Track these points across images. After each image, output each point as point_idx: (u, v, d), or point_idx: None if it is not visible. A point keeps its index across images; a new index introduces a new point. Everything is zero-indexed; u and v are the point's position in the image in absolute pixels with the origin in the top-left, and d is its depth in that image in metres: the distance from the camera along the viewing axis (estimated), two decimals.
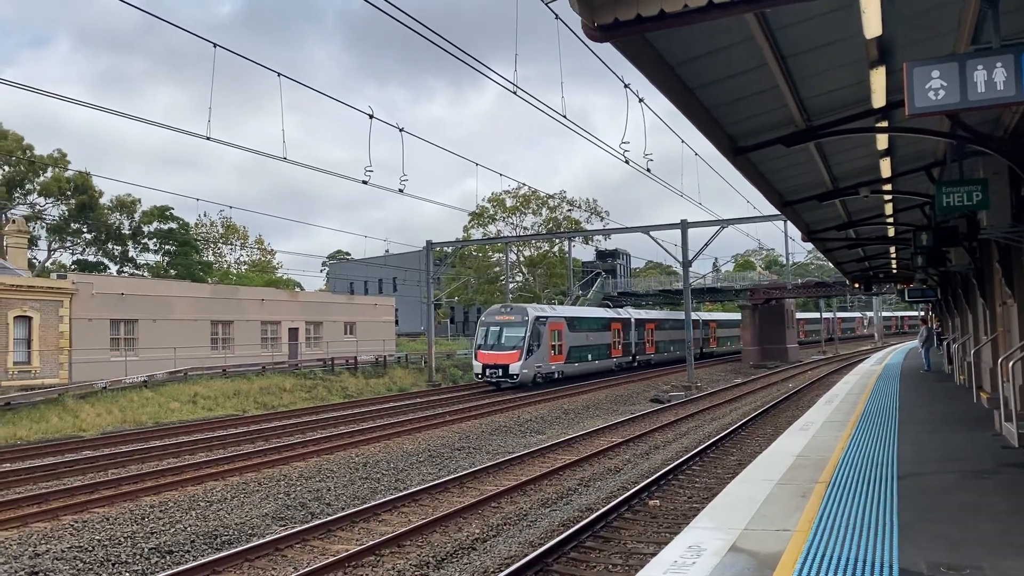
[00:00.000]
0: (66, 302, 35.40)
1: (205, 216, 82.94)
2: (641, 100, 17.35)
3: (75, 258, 62.01)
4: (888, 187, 13.79)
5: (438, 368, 47.30)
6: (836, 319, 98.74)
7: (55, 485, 16.51)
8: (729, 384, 42.39)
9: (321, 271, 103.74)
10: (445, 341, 67.83)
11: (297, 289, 71.67)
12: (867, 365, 35.99)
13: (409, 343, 62.42)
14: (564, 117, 17.30)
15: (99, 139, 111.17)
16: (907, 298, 36.45)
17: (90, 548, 11.69)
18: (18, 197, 57.06)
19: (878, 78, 7.89)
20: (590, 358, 46.63)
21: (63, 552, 11.47)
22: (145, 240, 65.06)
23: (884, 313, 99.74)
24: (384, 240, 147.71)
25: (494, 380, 38.79)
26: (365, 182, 22.08)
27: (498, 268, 74.98)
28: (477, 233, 76.44)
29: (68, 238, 60.75)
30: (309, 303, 51.10)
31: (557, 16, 13.90)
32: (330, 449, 20.59)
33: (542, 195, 73.97)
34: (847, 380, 26.76)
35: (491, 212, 76.01)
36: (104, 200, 60.99)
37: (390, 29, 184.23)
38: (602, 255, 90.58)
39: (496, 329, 39.65)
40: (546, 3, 10.59)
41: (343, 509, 14.01)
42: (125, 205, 62.47)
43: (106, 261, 63.10)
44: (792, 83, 8.19)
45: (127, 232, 63.50)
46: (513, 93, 15.80)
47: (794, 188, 13.75)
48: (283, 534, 12.06)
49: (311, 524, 12.64)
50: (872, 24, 6.55)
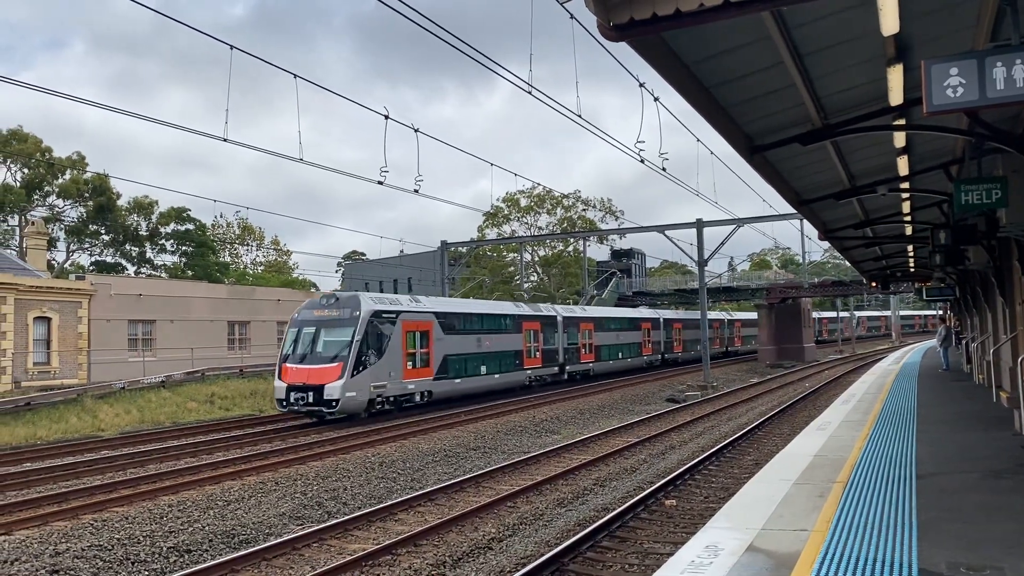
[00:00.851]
0: (85, 303, 35.72)
1: (221, 217, 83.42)
2: (656, 99, 17.32)
3: (93, 259, 62.59)
4: (905, 185, 13.71)
5: None
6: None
7: (75, 484, 16.65)
8: (745, 384, 42.21)
9: (336, 271, 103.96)
10: None
11: (313, 289, 71.98)
12: (884, 364, 35.76)
13: None
14: (579, 117, 17.28)
15: (113, 141, 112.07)
16: (925, 297, 36.24)
17: (109, 547, 11.78)
18: (37, 199, 57.60)
19: (895, 76, 7.85)
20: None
21: (83, 551, 11.57)
22: (162, 241, 65.54)
23: (901, 312, 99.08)
24: (399, 240, 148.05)
25: (303, 410, 25.72)
26: (381, 182, 22.16)
27: (513, 268, 75.02)
28: (492, 233, 76.53)
29: (86, 239, 61.28)
30: None
31: (572, 16, 13.90)
32: (346, 448, 20.66)
33: (556, 195, 74.00)
34: (864, 380, 26.60)
35: (505, 212, 76.07)
36: (121, 202, 61.53)
37: (400, 31, 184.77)
38: (617, 254, 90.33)
39: (311, 331, 27.03)
40: (561, 3, 10.59)
41: (360, 508, 14.06)
42: (142, 207, 62.95)
43: (124, 262, 63.63)
44: (809, 81, 8.17)
45: (144, 233, 63.98)
46: (528, 93, 15.81)
47: (811, 187, 13.70)
48: (300, 533, 12.11)
49: (328, 523, 12.69)
50: (889, 21, 6.52)
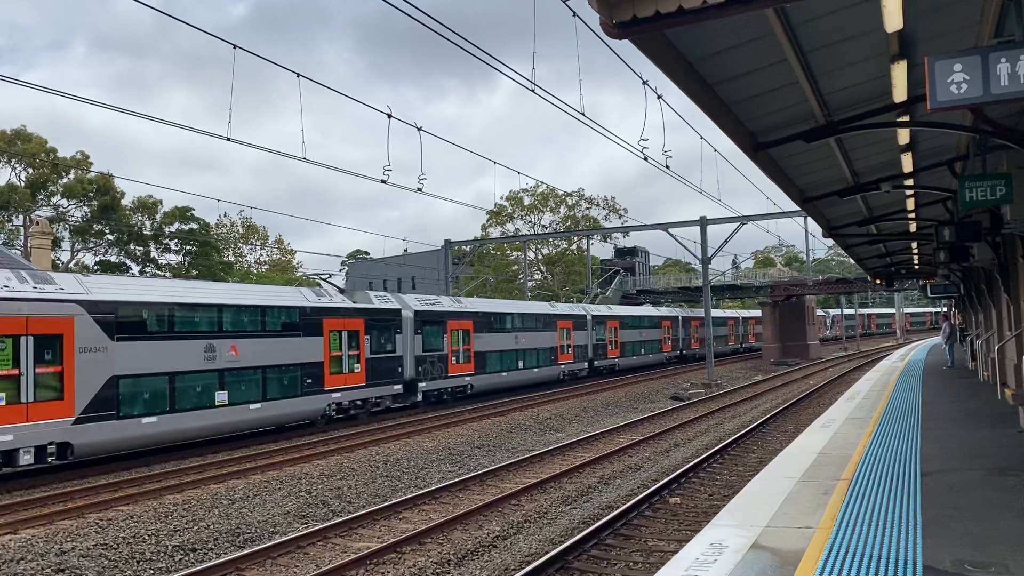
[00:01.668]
0: None
1: (225, 216, 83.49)
2: (659, 96, 17.30)
3: (98, 259, 62.67)
4: (910, 182, 13.68)
5: None
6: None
7: (80, 484, 16.69)
8: (749, 381, 42.17)
9: (340, 270, 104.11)
10: None
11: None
12: (889, 362, 35.71)
13: None
14: (582, 115, 17.28)
15: (117, 142, 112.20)
16: (929, 294, 36.18)
17: (115, 546, 11.81)
18: (42, 199, 57.72)
19: (899, 72, 7.82)
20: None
21: (88, 550, 11.60)
22: (166, 241, 65.63)
23: (910, 309, 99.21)
24: (403, 239, 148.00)
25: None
26: (384, 181, 22.19)
27: (516, 267, 75.02)
28: (495, 232, 76.52)
29: (91, 239, 61.36)
30: None
31: (575, 13, 13.88)
32: (350, 447, 20.69)
33: (560, 193, 73.96)
34: (868, 377, 26.57)
35: (509, 210, 76.05)
36: (125, 201, 61.60)
37: (400, 30, 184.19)
38: (621, 253, 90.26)
39: None
40: (564, 0, 10.58)
41: (364, 507, 14.08)
42: (147, 206, 63.03)
43: (128, 262, 63.69)
44: (812, 78, 8.15)
45: (149, 233, 64.08)
46: (531, 91, 15.80)
47: (815, 184, 13.67)
48: (305, 532, 12.13)
49: (333, 522, 12.71)
50: (893, 18, 6.50)
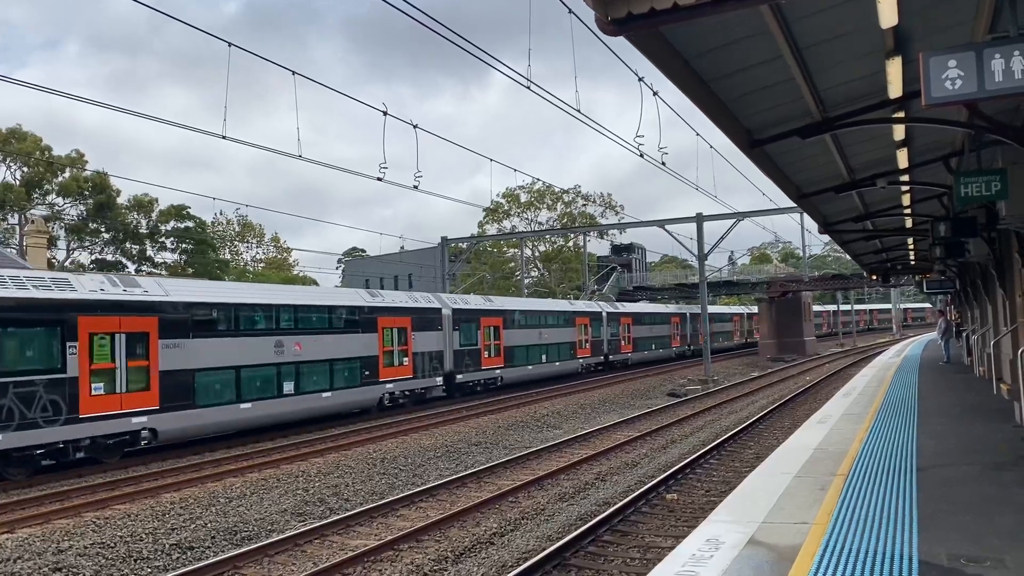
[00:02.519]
0: None
1: (221, 215, 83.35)
2: (655, 93, 17.31)
3: (94, 257, 62.52)
4: (905, 178, 13.72)
5: None
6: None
7: (77, 483, 16.67)
8: (746, 377, 42.23)
9: (337, 268, 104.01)
10: None
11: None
12: (885, 358, 35.78)
13: None
14: (579, 112, 17.28)
15: (111, 141, 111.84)
16: (925, 290, 36.24)
17: (112, 544, 11.80)
18: (37, 198, 57.58)
19: (894, 68, 7.84)
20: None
21: (85, 548, 11.59)
22: (162, 239, 65.53)
23: (912, 305, 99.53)
24: (399, 237, 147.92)
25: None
26: (380, 179, 22.17)
27: (513, 264, 75.02)
28: (492, 229, 76.50)
29: (86, 238, 61.24)
30: None
31: (570, 10, 13.89)
32: (347, 445, 20.69)
33: (556, 190, 73.95)
34: (865, 373, 26.62)
35: (505, 208, 76.04)
36: (121, 200, 61.47)
37: (393, 29, 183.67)
38: (617, 250, 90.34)
39: None
40: None
41: (361, 504, 14.08)
42: (142, 204, 62.92)
43: (124, 260, 63.59)
44: (808, 75, 8.16)
45: (144, 231, 63.96)
46: (527, 88, 15.79)
47: (811, 180, 13.70)
48: (302, 530, 12.13)
49: (330, 520, 12.72)
50: (888, 14, 6.51)
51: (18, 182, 56.43)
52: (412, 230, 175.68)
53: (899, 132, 10.78)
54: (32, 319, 16.92)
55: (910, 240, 23.09)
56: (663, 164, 20.39)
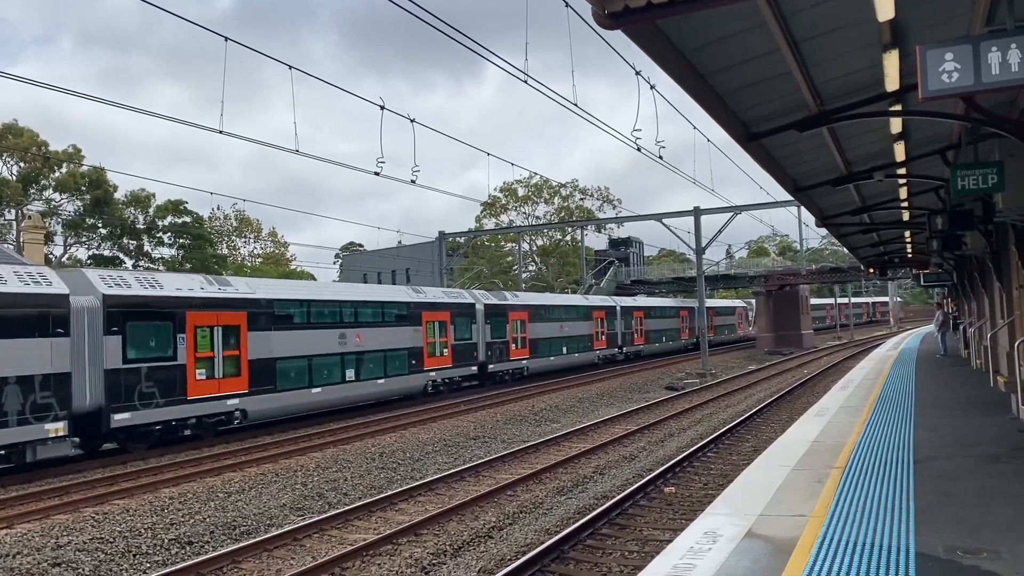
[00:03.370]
0: None
1: (219, 210, 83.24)
2: (653, 87, 17.30)
3: (91, 253, 62.43)
4: (902, 171, 13.72)
5: None
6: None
7: (75, 478, 16.69)
8: (743, 371, 42.29)
9: (334, 263, 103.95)
10: None
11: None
12: (882, 350, 35.85)
13: None
14: (575, 105, 17.27)
15: (105, 136, 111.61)
16: (923, 283, 36.31)
17: (111, 539, 11.82)
18: (34, 193, 57.48)
19: (891, 61, 7.84)
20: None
21: (85, 543, 11.61)
22: (159, 234, 65.46)
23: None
24: (397, 231, 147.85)
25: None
26: (377, 173, 22.16)
27: (511, 258, 75.02)
28: (489, 223, 76.46)
29: (84, 233, 61.15)
30: None
31: (567, 3, 13.87)
32: (346, 439, 20.71)
33: (554, 184, 73.90)
34: (862, 366, 26.68)
35: (503, 202, 76.00)
36: (118, 195, 61.37)
37: (385, 24, 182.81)
38: (615, 243, 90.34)
39: None
40: None
41: (360, 499, 14.10)
42: (139, 200, 62.82)
43: (121, 256, 63.52)
44: (805, 68, 8.16)
45: (142, 227, 63.88)
46: (524, 82, 15.78)
47: (808, 173, 13.71)
48: (301, 524, 12.15)
49: (329, 514, 12.73)
50: (885, 7, 6.51)
51: (14, 177, 56.33)
52: (409, 224, 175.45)
53: (896, 125, 10.79)
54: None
55: (907, 233, 23.11)
56: (660, 158, 20.40)
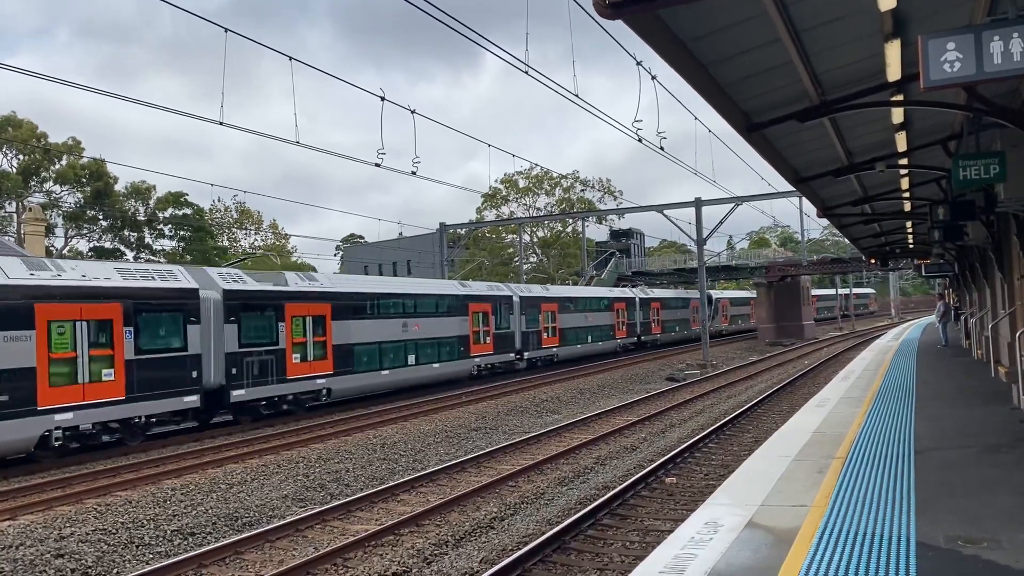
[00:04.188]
0: None
1: (219, 201, 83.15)
2: (654, 78, 17.25)
3: (92, 245, 62.47)
4: (904, 161, 13.70)
5: None
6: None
7: (78, 470, 16.73)
8: (744, 362, 42.31)
9: (335, 255, 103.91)
10: None
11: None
12: (883, 341, 35.85)
13: None
14: (576, 96, 17.23)
15: (102, 128, 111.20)
16: (924, 273, 36.28)
17: (114, 531, 11.85)
18: (34, 185, 57.45)
19: (893, 51, 7.82)
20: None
21: (87, 535, 11.64)
22: (160, 226, 65.43)
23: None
24: (398, 223, 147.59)
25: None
26: (378, 164, 22.14)
27: (512, 250, 74.97)
28: (490, 215, 76.39)
29: (84, 225, 61.15)
30: None
31: None
32: (347, 431, 20.74)
33: (555, 175, 73.79)
34: (863, 356, 26.69)
35: (504, 193, 75.92)
36: (118, 187, 61.34)
37: (382, 15, 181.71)
38: (616, 235, 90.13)
39: None
40: None
41: (362, 490, 14.14)
42: (140, 192, 62.80)
43: (122, 248, 63.52)
44: (806, 58, 8.14)
45: (142, 218, 63.86)
46: (525, 72, 15.74)
47: (809, 164, 13.68)
48: (303, 515, 12.18)
49: (330, 505, 12.77)
50: None
51: (15, 170, 56.29)
52: (409, 216, 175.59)
53: (897, 115, 10.77)
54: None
55: (909, 224, 23.09)
56: (661, 149, 20.36)
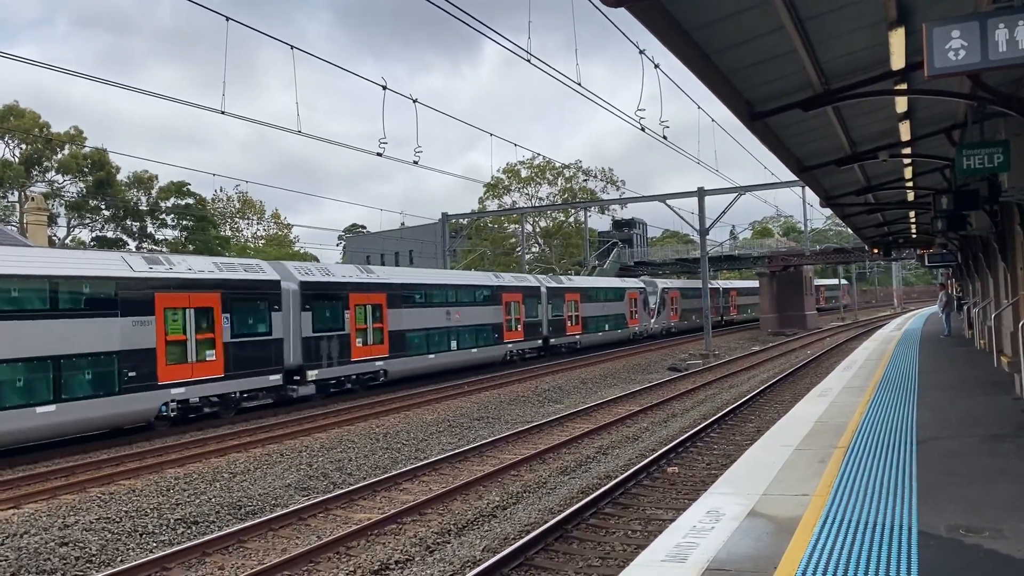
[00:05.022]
0: None
1: (221, 191, 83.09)
2: (657, 66, 17.19)
3: (94, 235, 62.47)
4: (907, 151, 13.65)
5: None
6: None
7: (82, 458, 16.78)
8: (747, 352, 42.31)
9: (337, 245, 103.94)
10: None
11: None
12: (886, 331, 35.82)
13: None
14: (579, 85, 17.17)
15: (101, 118, 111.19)
16: (927, 263, 36.22)
17: (117, 519, 11.90)
18: (36, 175, 57.41)
19: (897, 39, 7.78)
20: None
21: (91, 523, 11.69)
22: (163, 216, 65.38)
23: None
24: (400, 213, 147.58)
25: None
26: (380, 154, 22.11)
27: (514, 240, 74.88)
28: (492, 204, 76.28)
29: (87, 215, 61.12)
30: None
31: None
32: (350, 420, 20.78)
33: (557, 165, 73.63)
34: (866, 346, 26.67)
35: (506, 183, 75.77)
36: (121, 176, 61.28)
37: (378, 5, 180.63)
38: (618, 225, 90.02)
39: None
40: None
41: (364, 479, 14.18)
42: (142, 181, 62.74)
43: (125, 237, 63.52)
44: (810, 46, 8.09)
45: (145, 208, 63.83)
46: (527, 61, 15.69)
47: (812, 153, 13.64)
48: (306, 504, 12.23)
49: (333, 494, 12.81)
50: None
51: (17, 159, 56.26)
52: (409, 206, 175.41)
53: (901, 104, 10.72)
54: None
55: (912, 213, 23.02)
56: (664, 138, 20.31)
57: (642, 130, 19.31)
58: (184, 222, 66.07)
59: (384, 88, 20.37)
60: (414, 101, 22.57)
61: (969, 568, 5.13)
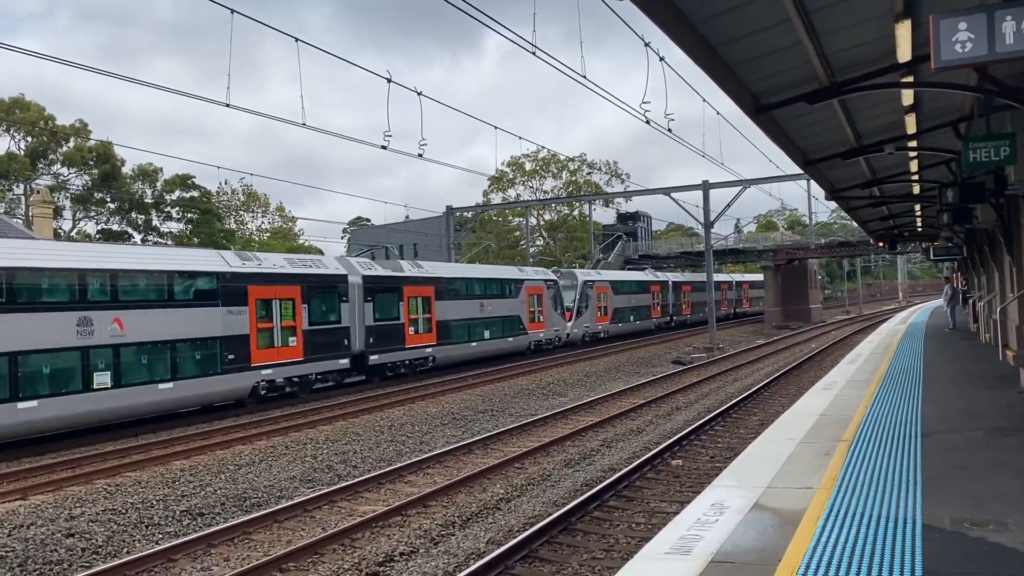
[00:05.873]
0: None
1: (226, 184, 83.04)
2: (662, 59, 17.15)
3: (100, 227, 62.56)
4: (913, 144, 13.58)
5: None
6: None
7: (88, 450, 16.86)
8: (751, 345, 42.29)
9: (342, 238, 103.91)
10: None
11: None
12: (891, 324, 35.77)
13: None
14: (584, 77, 17.13)
15: (105, 111, 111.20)
16: (932, 256, 36.13)
17: (123, 511, 11.95)
18: (42, 168, 57.50)
19: (903, 32, 7.74)
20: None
21: (97, 515, 11.75)
22: (168, 209, 65.45)
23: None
24: (404, 206, 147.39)
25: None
26: (385, 147, 22.10)
27: (518, 233, 74.83)
28: (496, 198, 76.19)
29: (92, 208, 61.20)
30: None
31: None
32: (355, 412, 20.84)
33: (561, 158, 73.49)
34: (870, 340, 26.64)
35: (510, 176, 75.67)
36: (126, 169, 61.30)
37: None
38: (623, 218, 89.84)
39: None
40: None
41: (369, 471, 14.21)
42: (147, 174, 62.77)
43: (130, 230, 63.63)
44: (816, 38, 8.06)
45: (150, 201, 63.90)
46: (532, 53, 15.66)
47: (817, 146, 13.59)
48: (311, 496, 12.27)
49: (338, 486, 12.85)
50: None
51: (22, 152, 56.34)
52: (413, 199, 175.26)
53: (907, 97, 10.67)
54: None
55: (917, 206, 22.94)
56: (669, 131, 20.26)
57: (647, 123, 19.27)
58: (189, 215, 66.14)
59: (389, 81, 20.37)
60: (419, 94, 22.55)
61: (973, 561, 5.13)
